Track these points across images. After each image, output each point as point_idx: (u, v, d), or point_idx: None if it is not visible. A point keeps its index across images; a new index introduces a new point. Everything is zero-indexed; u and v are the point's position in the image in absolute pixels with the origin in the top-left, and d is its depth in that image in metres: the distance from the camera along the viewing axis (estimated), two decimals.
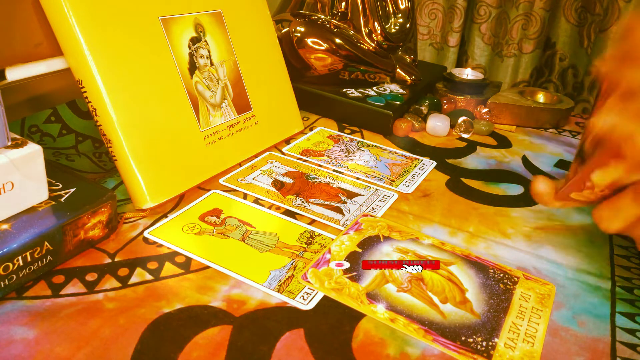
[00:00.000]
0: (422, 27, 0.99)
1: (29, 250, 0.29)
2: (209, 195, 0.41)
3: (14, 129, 0.44)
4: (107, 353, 0.26)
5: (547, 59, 0.94)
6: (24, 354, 0.26)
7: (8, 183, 0.30)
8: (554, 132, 0.60)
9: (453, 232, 0.39)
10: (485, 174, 0.49)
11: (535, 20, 0.89)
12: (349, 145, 0.53)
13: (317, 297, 0.31)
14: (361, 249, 0.36)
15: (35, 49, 0.36)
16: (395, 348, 0.28)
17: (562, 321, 0.31)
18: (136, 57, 0.38)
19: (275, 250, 0.35)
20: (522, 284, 0.34)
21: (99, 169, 0.45)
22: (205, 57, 0.44)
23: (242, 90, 0.47)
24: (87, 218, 0.33)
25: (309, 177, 0.45)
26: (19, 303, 0.29)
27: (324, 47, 0.57)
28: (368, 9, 0.58)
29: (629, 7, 0.79)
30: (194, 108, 0.42)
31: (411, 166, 0.49)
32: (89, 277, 0.32)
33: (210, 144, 0.43)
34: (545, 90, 0.63)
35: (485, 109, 0.60)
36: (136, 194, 0.38)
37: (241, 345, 0.28)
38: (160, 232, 0.36)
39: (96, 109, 0.36)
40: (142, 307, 0.30)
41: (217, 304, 0.30)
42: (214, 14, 0.45)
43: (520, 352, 0.29)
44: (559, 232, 0.41)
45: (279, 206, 0.41)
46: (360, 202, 0.42)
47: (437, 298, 0.32)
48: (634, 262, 0.38)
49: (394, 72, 0.61)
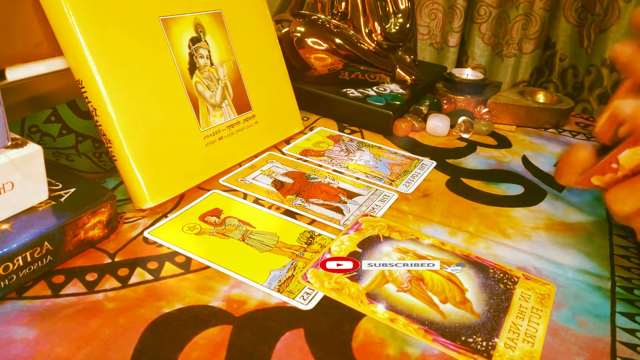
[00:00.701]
0: (422, 27, 0.99)
1: (29, 250, 0.29)
2: (209, 195, 0.41)
3: (14, 129, 0.44)
4: (107, 353, 0.26)
5: (547, 59, 0.94)
6: (24, 354, 0.26)
7: (8, 183, 0.30)
8: (554, 132, 0.60)
9: (453, 232, 0.39)
10: (485, 174, 0.49)
11: (535, 20, 0.89)
12: (349, 145, 0.53)
13: (317, 297, 0.31)
14: (361, 249, 0.36)
15: (35, 49, 0.36)
16: (395, 348, 0.28)
17: (562, 321, 0.31)
18: (136, 57, 0.38)
19: (275, 250, 0.35)
20: (522, 284, 0.34)
21: (99, 169, 0.45)
22: (205, 57, 0.44)
23: (242, 90, 0.47)
24: (87, 218, 0.33)
25: (309, 177, 0.45)
26: (19, 303, 0.29)
27: (324, 47, 0.57)
28: (368, 9, 0.58)
29: (629, 7, 0.79)
30: (194, 108, 0.42)
31: (411, 166, 0.49)
32: (89, 277, 0.32)
33: (210, 144, 0.43)
34: (545, 90, 0.63)
35: (485, 109, 0.60)
36: (136, 194, 0.38)
37: (241, 345, 0.28)
38: (160, 232, 0.36)
39: (96, 109, 0.36)
40: (142, 307, 0.30)
41: (217, 304, 0.30)
42: (214, 14, 0.45)
43: (520, 352, 0.29)
44: (559, 232, 0.41)
45: (279, 206, 0.41)
46: (360, 202, 0.42)
47: (437, 298, 0.32)
48: (634, 262, 0.38)
49: (394, 72, 0.61)
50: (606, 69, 0.84)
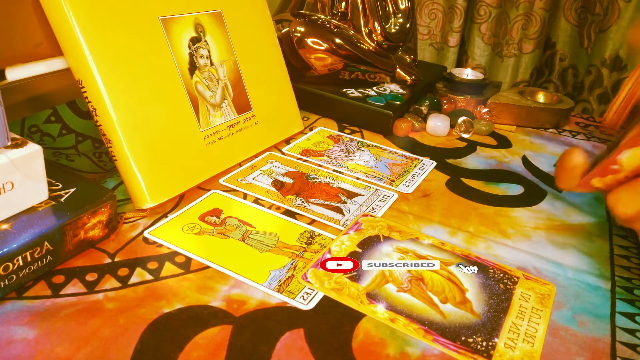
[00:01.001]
0: (422, 27, 0.99)
1: (29, 250, 0.29)
2: (209, 195, 0.41)
3: (14, 129, 0.44)
4: (107, 353, 0.26)
5: (547, 59, 0.94)
6: (24, 354, 0.26)
7: (8, 183, 0.30)
8: (554, 132, 0.60)
9: (453, 232, 0.39)
10: (485, 174, 0.49)
11: (535, 20, 0.89)
12: (349, 145, 0.53)
13: (317, 297, 0.31)
14: (361, 249, 0.36)
15: (35, 49, 0.36)
16: (395, 348, 0.28)
17: (562, 321, 0.31)
18: (136, 57, 0.38)
19: (275, 250, 0.35)
20: (522, 284, 0.34)
21: (99, 169, 0.45)
22: (205, 57, 0.44)
23: (242, 90, 0.47)
24: (87, 218, 0.33)
25: (309, 177, 0.45)
26: (19, 303, 0.29)
27: (324, 47, 0.57)
28: (368, 9, 0.58)
29: (629, 7, 0.79)
30: (194, 108, 0.42)
31: (411, 166, 0.49)
32: (89, 277, 0.32)
33: (210, 144, 0.43)
34: (545, 90, 0.63)
35: (485, 109, 0.60)
36: (136, 194, 0.38)
37: (241, 345, 0.28)
38: (160, 232, 0.36)
39: (96, 109, 0.36)
40: (142, 307, 0.30)
41: (217, 304, 0.30)
42: (214, 14, 0.45)
43: (520, 352, 0.29)
44: (559, 232, 0.41)
45: (279, 206, 0.41)
46: (360, 202, 0.42)
47: (437, 298, 0.32)
48: (634, 262, 0.38)
49: (394, 72, 0.61)
50: (606, 69, 0.84)
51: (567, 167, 0.34)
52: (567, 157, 0.34)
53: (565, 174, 0.34)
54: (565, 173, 0.34)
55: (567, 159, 0.34)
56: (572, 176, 0.34)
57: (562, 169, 0.34)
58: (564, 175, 0.34)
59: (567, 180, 0.34)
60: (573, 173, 0.34)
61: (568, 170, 0.34)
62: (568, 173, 0.34)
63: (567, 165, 0.34)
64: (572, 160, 0.33)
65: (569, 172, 0.34)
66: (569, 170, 0.34)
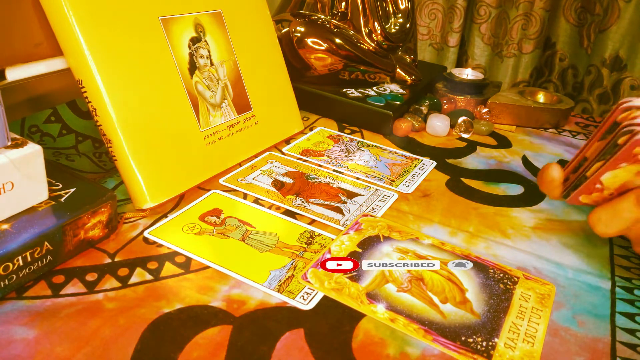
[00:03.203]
0: (422, 27, 0.98)
1: (29, 250, 0.29)
2: (209, 195, 0.41)
3: (14, 129, 0.44)
4: (107, 353, 0.26)
5: (547, 59, 0.94)
6: (24, 354, 0.26)
7: (8, 183, 0.30)
8: (553, 132, 0.60)
9: (453, 232, 0.39)
10: (485, 174, 0.49)
11: (535, 20, 0.89)
12: (349, 145, 0.53)
13: (317, 297, 0.31)
14: (361, 249, 0.36)
15: (35, 49, 0.36)
16: (395, 348, 0.28)
17: (562, 321, 0.31)
18: (136, 57, 0.38)
19: (275, 250, 0.35)
20: (522, 284, 0.34)
21: (99, 169, 0.45)
22: (205, 57, 0.44)
23: (242, 90, 0.47)
24: (87, 218, 0.33)
25: (309, 177, 0.45)
26: (19, 303, 0.29)
27: (324, 47, 0.57)
28: (368, 9, 0.58)
29: (629, 7, 0.79)
30: (194, 108, 0.42)
31: (411, 166, 0.49)
32: (89, 277, 0.32)
33: (210, 144, 0.43)
34: (545, 90, 0.63)
35: (485, 109, 0.60)
36: (136, 194, 0.38)
37: (241, 345, 0.28)
38: (160, 232, 0.36)
39: (96, 109, 0.36)
40: (142, 307, 0.30)
41: (217, 304, 0.30)
42: (214, 14, 0.45)
43: (520, 352, 0.29)
44: (559, 232, 0.41)
45: (279, 206, 0.41)
46: (360, 202, 0.42)
47: (437, 298, 0.32)
48: (634, 262, 0.38)
49: (394, 72, 0.61)
50: (606, 69, 0.84)
51: (545, 180, 0.38)
52: (544, 172, 0.38)
53: (545, 186, 0.38)
54: (545, 185, 0.38)
55: (544, 174, 0.38)
56: (552, 188, 0.37)
57: (542, 182, 0.38)
58: (544, 188, 0.38)
59: (549, 192, 0.38)
60: (552, 185, 0.37)
61: (547, 183, 0.38)
62: (547, 185, 0.38)
63: (546, 179, 0.38)
64: (549, 175, 0.37)
65: (548, 184, 0.37)
66: (547, 182, 0.37)
